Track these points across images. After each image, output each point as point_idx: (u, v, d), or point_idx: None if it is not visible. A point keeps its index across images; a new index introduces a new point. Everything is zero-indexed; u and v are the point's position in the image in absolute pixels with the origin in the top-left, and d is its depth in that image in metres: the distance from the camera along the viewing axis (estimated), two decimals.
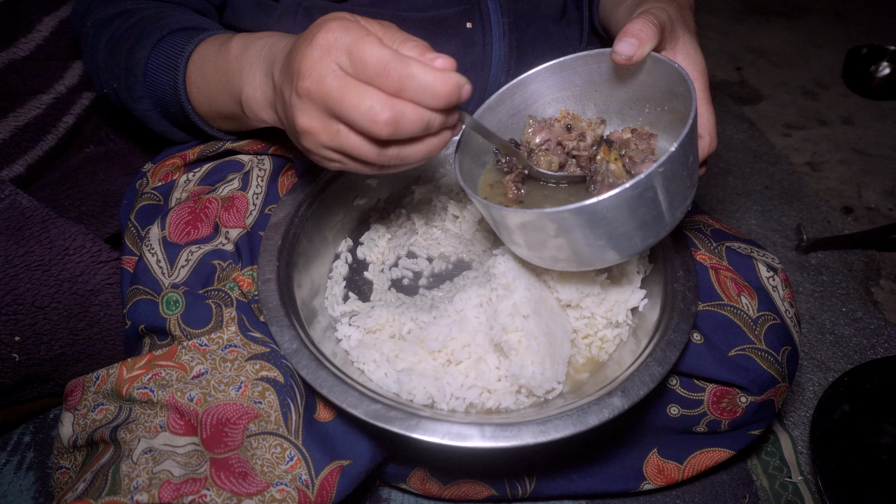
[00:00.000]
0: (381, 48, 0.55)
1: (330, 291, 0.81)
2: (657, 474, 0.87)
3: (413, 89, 0.55)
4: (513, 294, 0.68)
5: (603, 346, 0.74)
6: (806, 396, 1.13)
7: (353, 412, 0.61)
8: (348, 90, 0.55)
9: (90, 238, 0.89)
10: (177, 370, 0.69)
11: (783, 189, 1.65)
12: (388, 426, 0.60)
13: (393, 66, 0.54)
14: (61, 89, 1.13)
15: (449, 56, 0.57)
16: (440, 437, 0.60)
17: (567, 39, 1.02)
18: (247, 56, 0.71)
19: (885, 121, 1.92)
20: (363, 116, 0.55)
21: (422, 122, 0.57)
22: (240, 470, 0.63)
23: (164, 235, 0.77)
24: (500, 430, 0.60)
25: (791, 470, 1.01)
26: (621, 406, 0.62)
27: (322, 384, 0.63)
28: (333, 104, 0.56)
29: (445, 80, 0.55)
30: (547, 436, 0.60)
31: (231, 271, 0.75)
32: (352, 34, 0.55)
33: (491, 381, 0.68)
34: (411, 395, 0.67)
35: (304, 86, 0.57)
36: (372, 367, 0.70)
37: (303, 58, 0.57)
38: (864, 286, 1.37)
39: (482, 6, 0.90)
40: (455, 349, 0.69)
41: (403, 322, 0.73)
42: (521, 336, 0.66)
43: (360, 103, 0.55)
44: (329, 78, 0.56)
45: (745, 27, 2.48)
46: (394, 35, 0.58)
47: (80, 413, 0.71)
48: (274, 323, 0.68)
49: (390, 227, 0.89)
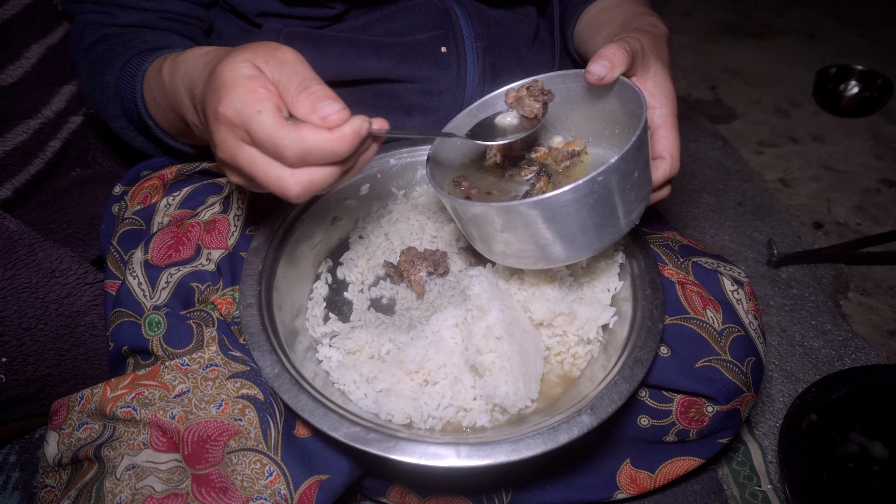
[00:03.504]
0: (270, 123, 0.55)
1: (311, 312, 0.83)
2: (630, 483, 0.90)
3: (313, 158, 0.56)
4: (487, 316, 0.71)
5: (575, 362, 0.77)
6: (776, 407, 1.16)
7: (333, 435, 0.64)
8: (255, 165, 0.57)
9: (76, 260, 0.91)
10: (159, 389, 0.71)
11: (755, 205, 1.70)
12: (367, 448, 0.63)
13: (287, 144, 0.54)
14: (49, 114, 1.16)
15: (337, 101, 0.57)
16: (417, 457, 0.63)
17: (539, 63, 1.06)
18: (174, 84, 0.72)
19: (854, 138, 1.98)
20: (275, 188, 0.57)
21: (333, 176, 0.58)
22: (220, 485, 0.65)
23: (146, 259, 0.79)
24: (475, 449, 0.63)
25: (761, 478, 1.04)
26: (590, 423, 0.65)
27: (303, 408, 0.66)
28: (247, 174, 0.58)
29: (340, 138, 0.56)
30: (520, 454, 0.63)
31: (210, 293, 0.77)
32: (246, 110, 0.55)
33: (467, 400, 0.70)
34: (390, 415, 0.69)
35: (219, 155, 0.60)
36: (352, 387, 0.73)
37: (214, 130, 0.59)
38: (832, 299, 1.42)
39: (456, 31, 0.95)
40: (432, 370, 0.72)
41: (382, 343, 0.76)
42: (495, 357, 0.69)
43: (268, 175, 0.57)
44: (238, 155, 0.58)
45: (720, 47, 2.55)
46: (288, 82, 0.58)
47: (65, 432, 0.73)
48: (256, 348, 0.70)
49: (369, 248, 0.92)
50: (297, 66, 0.59)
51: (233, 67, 0.58)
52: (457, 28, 0.95)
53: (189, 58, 0.70)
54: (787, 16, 2.77)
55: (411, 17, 0.94)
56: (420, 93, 0.96)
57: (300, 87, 0.57)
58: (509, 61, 1.00)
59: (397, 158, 0.95)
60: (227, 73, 0.58)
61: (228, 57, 0.59)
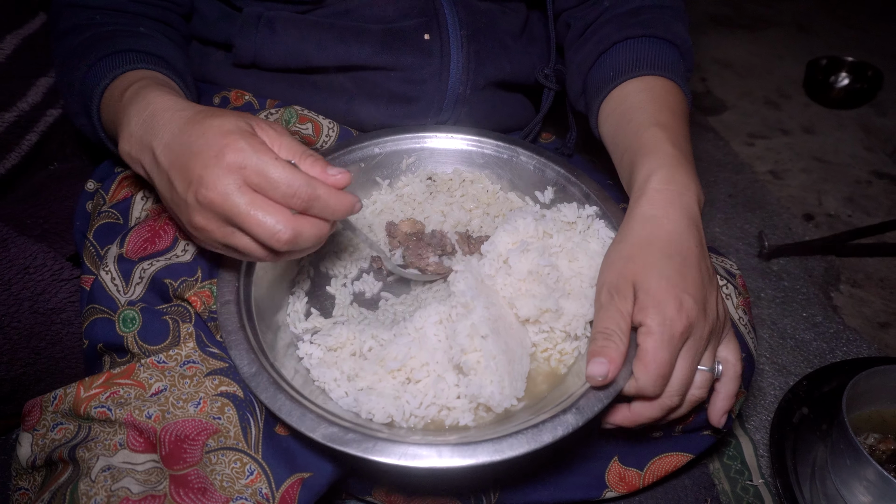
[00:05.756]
0: (290, 169, 0.61)
1: (292, 307, 0.81)
2: (619, 482, 0.89)
3: (317, 209, 0.63)
4: (471, 314, 0.69)
5: (562, 359, 0.75)
6: (767, 400, 1.16)
7: (311, 436, 0.62)
8: (255, 207, 0.60)
9: (51, 256, 0.89)
10: (135, 388, 0.69)
11: (746, 197, 1.69)
12: (346, 449, 0.61)
13: (302, 190, 0.61)
14: (25, 107, 1.13)
15: (346, 171, 0.65)
16: (396, 458, 0.61)
17: (528, 55, 1.03)
18: (124, 113, 0.71)
19: (845, 130, 1.97)
20: (265, 232, 0.61)
21: (318, 237, 0.64)
22: (199, 486, 0.63)
23: (120, 253, 0.77)
24: (457, 449, 0.61)
25: (752, 473, 1.03)
26: (575, 423, 0.63)
27: (280, 408, 0.64)
28: (235, 217, 0.61)
29: (346, 201, 0.64)
30: (502, 454, 0.61)
31: (185, 288, 0.75)
32: (261, 157, 0.61)
33: (450, 398, 0.68)
34: (371, 414, 0.67)
35: (207, 195, 0.61)
36: (332, 385, 0.71)
37: (206, 168, 0.61)
38: (823, 291, 1.41)
39: (440, 19, 0.93)
40: (414, 368, 0.70)
41: (364, 340, 0.74)
42: (480, 356, 0.67)
43: (264, 220, 0.60)
44: (235, 195, 0.60)
45: (711, 39, 2.54)
46: (292, 148, 0.64)
47: (39, 433, 0.70)
48: (233, 347, 0.68)
49: (352, 240, 0.90)
50: (294, 140, 0.66)
51: (235, 122, 0.63)
52: (440, 15, 0.93)
53: (156, 99, 0.69)
54: (777, 7, 2.76)
55: (394, 2, 0.92)
56: (402, 81, 0.94)
57: (305, 153, 0.65)
58: (494, 50, 0.98)
59: (381, 147, 0.94)
60: (228, 125, 0.62)
61: (221, 114, 0.64)
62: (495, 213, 0.93)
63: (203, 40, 0.99)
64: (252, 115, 0.66)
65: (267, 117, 0.92)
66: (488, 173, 0.96)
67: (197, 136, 0.62)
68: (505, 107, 1.05)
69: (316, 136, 0.94)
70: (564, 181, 0.92)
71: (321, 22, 0.90)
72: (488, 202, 0.94)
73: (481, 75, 0.96)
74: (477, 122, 1.01)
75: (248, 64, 0.93)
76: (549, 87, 1.02)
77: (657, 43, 0.91)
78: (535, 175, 0.94)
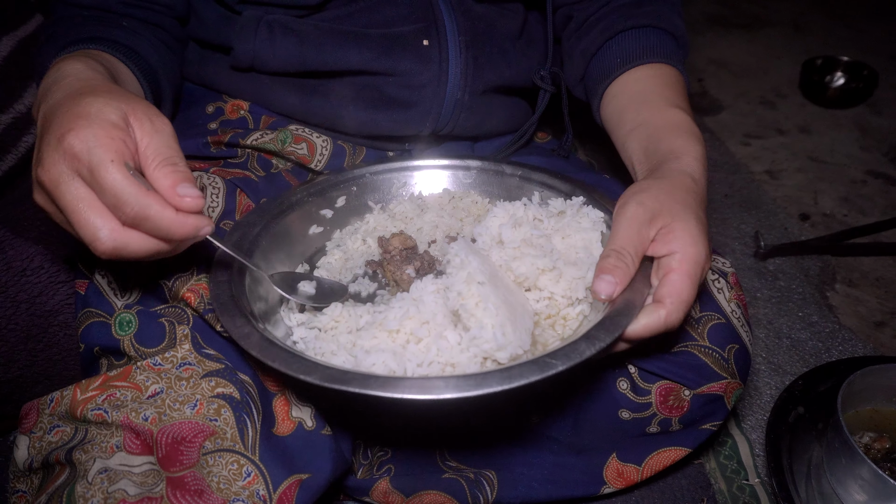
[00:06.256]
0: (122, 178, 0.55)
1: (286, 305, 0.80)
2: (617, 478, 0.89)
3: (147, 227, 0.57)
4: (466, 266, 0.68)
5: (567, 324, 0.74)
6: (763, 400, 1.16)
7: (307, 379, 0.59)
8: (79, 204, 0.56)
9: (48, 258, 0.89)
10: (132, 390, 0.69)
11: (742, 197, 1.70)
12: (346, 387, 0.58)
13: (130, 202, 0.55)
14: (21, 108, 1.13)
15: (198, 194, 0.58)
16: (402, 391, 0.58)
17: (527, 58, 1.04)
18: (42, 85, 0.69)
19: (840, 129, 1.98)
20: (86, 234, 0.56)
21: (150, 252, 0.59)
22: (195, 488, 0.63)
23: None
24: (464, 380, 0.59)
25: (748, 472, 1.03)
26: (588, 351, 0.61)
27: (274, 358, 0.61)
28: (62, 207, 0.57)
29: (182, 223, 0.57)
30: (512, 382, 0.58)
31: (180, 285, 0.75)
32: (99, 152, 0.55)
33: (454, 354, 0.66)
34: (371, 370, 0.64)
35: (41, 176, 0.57)
36: (329, 357, 0.68)
37: (47, 147, 0.57)
38: (819, 291, 1.41)
39: (439, 24, 0.93)
40: (414, 328, 0.67)
41: (360, 314, 0.72)
42: (478, 300, 0.65)
43: (86, 222, 0.56)
44: (63, 185, 0.56)
45: (707, 39, 2.54)
46: (158, 151, 0.59)
47: (36, 436, 0.70)
48: (224, 313, 0.66)
49: (346, 251, 0.89)
50: (171, 140, 0.60)
51: (103, 106, 0.58)
52: (439, 21, 0.93)
53: (62, 68, 0.67)
54: (773, 7, 2.77)
55: (394, 8, 0.92)
56: (400, 86, 0.94)
57: (168, 160, 0.58)
58: (493, 56, 0.98)
59: (373, 173, 0.95)
60: (93, 107, 0.58)
61: (104, 93, 0.60)
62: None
63: (201, 43, 0.98)
64: (140, 101, 0.61)
65: (261, 136, 0.92)
66: (477, 190, 0.98)
67: (63, 110, 0.59)
68: (502, 110, 1.05)
69: (311, 156, 0.95)
70: (550, 183, 0.93)
71: (320, 26, 0.90)
72: (478, 213, 0.94)
73: (480, 81, 0.96)
74: (475, 126, 1.02)
75: (246, 67, 0.93)
76: (545, 88, 1.03)
77: (661, 34, 0.95)
78: (521, 184, 0.95)
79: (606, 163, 1.55)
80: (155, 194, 0.57)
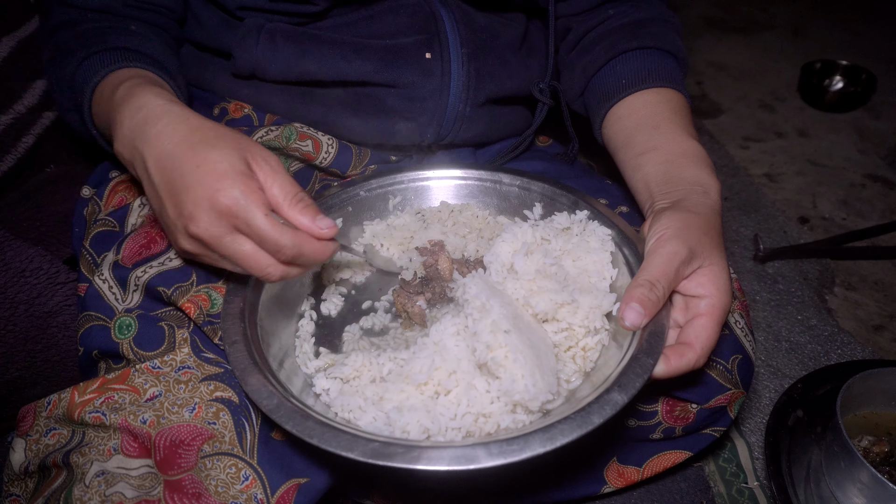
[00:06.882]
0: (273, 229, 0.62)
1: (300, 349, 0.78)
2: (617, 478, 0.90)
3: (302, 262, 0.66)
4: (490, 313, 0.67)
5: (587, 355, 0.73)
6: (762, 403, 1.16)
7: (349, 456, 0.58)
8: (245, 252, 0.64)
9: (47, 259, 0.89)
10: (130, 393, 0.69)
11: (741, 200, 1.70)
12: (391, 463, 0.58)
13: (287, 246, 0.63)
14: (21, 109, 1.13)
15: (332, 223, 0.67)
16: (447, 463, 0.58)
17: (527, 69, 1.02)
18: (117, 112, 0.71)
19: (839, 133, 1.98)
20: (258, 271, 0.65)
21: (303, 273, 0.70)
22: (193, 491, 0.63)
23: (116, 259, 0.77)
24: (507, 444, 0.58)
25: (747, 475, 1.03)
26: (622, 401, 0.61)
27: (312, 434, 0.60)
28: (227, 256, 0.65)
29: (326, 249, 0.67)
30: (554, 443, 0.59)
31: (179, 295, 0.74)
32: (248, 207, 0.62)
33: (484, 404, 0.65)
34: (406, 432, 0.63)
35: (198, 233, 0.63)
36: (358, 413, 0.66)
37: (197, 207, 0.62)
38: (818, 294, 1.42)
39: (441, 36, 0.91)
40: (441, 379, 0.66)
41: (382, 363, 0.71)
42: (507, 351, 0.64)
43: (257, 262, 0.64)
44: (226, 238, 0.63)
45: (706, 42, 2.54)
46: (285, 189, 0.65)
47: (33, 438, 0.70)
48: (248, 383, 0.65)
49: (350, 286, 0.88)
50: (288, 176, 0.66)
51: (230, 159, 0.63)
52: (442, 33, 0.91)
53: (149, 102, 0.69)
54: (772, 11, 2.77)
55: (396, 18, 0.91)
56: (402, 98, 0.93)
57: (296, 198, 0.65)
58: (495, 68, 0.97)
59: (367, 190, 0.94)
60: (223, 164, 0.63)
61: (218, 141, 0.64)
62: (489, 236, 0.92)
63: (200, 46, 0.97)
64: (248, 141, 0.67)
65: (266, 133, 0.91)
66: (475, 202, 0.97)
67: (191, 167, 0.62)
68: (503, 119, 1.04)
69: (315, 153, 0.94)
70: (550, 194, 0.92)
71: (322, 36, 0.89)
72: (480, 227, 0.93)
73: (482, 93, 0.95)
74: (476, 136, 1.01)
75: (247, 75, 0.92)
76: (544, 101, 1.02)
77: (664, 56, 0.95)
78: (520, 195, 0.94)
79: (605, 165, 1.55)
80: (301, 234, 0.64)
